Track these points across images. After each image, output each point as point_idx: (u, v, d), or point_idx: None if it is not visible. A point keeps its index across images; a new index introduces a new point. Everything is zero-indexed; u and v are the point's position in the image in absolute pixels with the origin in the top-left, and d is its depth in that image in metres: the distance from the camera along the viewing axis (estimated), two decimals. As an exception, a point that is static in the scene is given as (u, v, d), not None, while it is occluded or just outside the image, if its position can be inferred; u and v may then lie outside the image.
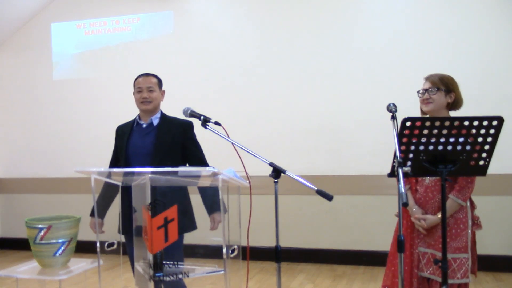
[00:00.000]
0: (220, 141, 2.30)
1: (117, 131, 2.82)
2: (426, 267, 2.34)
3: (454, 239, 2.30)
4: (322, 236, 4.70)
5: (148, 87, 2.66)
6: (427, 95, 2.36)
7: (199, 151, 2.73)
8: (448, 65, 4.35)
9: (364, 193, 4.58)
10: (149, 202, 1.91)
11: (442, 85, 2.35)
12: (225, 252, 1.84)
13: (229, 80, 5.03)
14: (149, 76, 2.71)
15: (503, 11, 4.30)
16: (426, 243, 2.37)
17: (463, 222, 2.31)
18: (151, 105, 2.66)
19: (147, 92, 2.65)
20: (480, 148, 1.99)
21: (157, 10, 5.31)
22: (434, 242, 2.34)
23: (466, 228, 2.31)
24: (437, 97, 2.34)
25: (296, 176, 2.00)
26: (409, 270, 2.35)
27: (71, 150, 5.52)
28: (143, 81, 2.68)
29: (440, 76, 2.39)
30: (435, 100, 2.34)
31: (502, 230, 4.23)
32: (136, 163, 2.59)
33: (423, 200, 2.37)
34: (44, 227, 2.66)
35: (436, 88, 2.34)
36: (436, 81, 2.36)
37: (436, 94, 2.34)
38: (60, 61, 5.66)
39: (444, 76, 2.39)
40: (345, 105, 4.66)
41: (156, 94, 2.68)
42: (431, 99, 2.34)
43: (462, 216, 2.32)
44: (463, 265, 2.28)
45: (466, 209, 2.33)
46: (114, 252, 2.14)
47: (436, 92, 2.34)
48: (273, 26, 4.91)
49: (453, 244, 2.29)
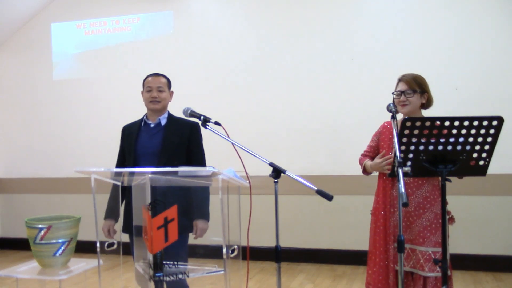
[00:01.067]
0: (220, 141, 2.30)
1: (124, 131, 2.81)
2: (407, 261, 2.39)
3: (434, 234, 2.35)
4: (322, 236, 4.70)
5: (158, 87, 2.67)
6: (404, 97, 2.42)
7: (201, 155, 2.72)
8: (448, 65, 4.36)
9: (364, 193, 4.57)
10: (149, 202, 1.91)
11: (417, 87, 2.42)
12: (225, 252, 1.84)
13: (229, 80, 5.03)
14: (159, 76, 2.73)
15: (503, 11, 4.30)
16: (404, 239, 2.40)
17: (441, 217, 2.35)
18: (160, 105, 2.67)
19: (156, 92, 2.66)
20: (480, 148, 1.99)
21: (157, 10, 5.31)
22: (412, 237, 2.39)
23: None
24: (413, 99, 2.42)
25: (296, 176, 2.00)
26: (384, 265, 2.41)
27: (71, 150, 5.52)
28: (153, 81, 2.69)
29: (413, 76, 2.46)
30: (412, 102, 2.42)
31: (502, 230, 4.23)
32: (144, 163, 2.59)
33: None
34: (44, 227, 2.66)
35: (412, 90, 2.40)
36: (412, 83, 2.43)
37: (414, 97, 2.41)
38: (60, 61, 5.66)
39: (417, 77, 2.47)
40: (345, 105, 4.66)
41: (165, 94, 2.69)
42: (408, 101, 2.42)
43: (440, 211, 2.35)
44: None
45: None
46: (114, 252, 2.14)
47: (413, 94, 2.41)
48: (273, 26, 4.91)
49: (433, 238, 2.35)
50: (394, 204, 2.43)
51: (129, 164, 2.64)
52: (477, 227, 4.27)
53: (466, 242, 4.28)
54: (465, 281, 3.98)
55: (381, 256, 2.42)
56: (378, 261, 2.44)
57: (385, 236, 2.43)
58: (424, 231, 2.36)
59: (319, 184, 1.98)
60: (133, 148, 2.65)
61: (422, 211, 2.38)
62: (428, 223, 2.36)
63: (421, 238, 2.36)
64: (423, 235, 2.35)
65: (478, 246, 4.27)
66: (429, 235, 2.34)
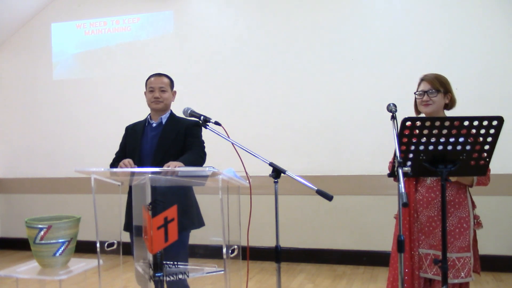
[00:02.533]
0: (220, 141, 2.30)
1: (127, 130, 2.82)
2: (430, 268, 2.33)
3: (457, 238, 2.29)
4: (322, 236, 4.70)
5: (160, 87, 2.69)
6: (427, 97, 2.35)
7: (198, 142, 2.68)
8: (448, 65, 4.36)
9: (364, 193, 4.58)
10: (149, 202, 1.91)
11: (440, 87, 2.36)
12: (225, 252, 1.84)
13: (229, 80, 5.03)
14: (162, 76, 2.74)
15: (503, 11, 4.30)
16: (428, 244, 2.36)
17: (466, 221, 2.31)
18: (162, 105, 2.69)
19: (159, 92, 2.68)
20: (480, 148, 1.99)
21: (157, 10, 5.31)
22: (436, 243, 2.33)
23: (468, 227, 2.31)
24: (437, 99, 2.35)
25: (296, 176, 2.00)
26: (409, 272, 2.34)
27: (71, 150, 5.51)
28: (155, 81, 2.70)
29: (436, 76, 2.39)
30: (435, 102, 2.35)
31: (502, 230, 4.23)
32: (146, 163, 2.61)
33: (425, 200, 2.35)
34: (44, 227, 2.66)
35: (436, 90, 2.34)
36: (435, 82, 2.36)
37: (437, 96, 2.34)
38: (60, 61, 5.66)
39: (440, 77, 2.40)
40: (345, 105, 4.66)
41: (167, 95, 2.71)
42: (431, 101, 2.35)
43: (465, 215, 2.31)
44: (467, 264, 2.28)
45: (468, 208, 2.33)
46: (114, 252, 2.14)
47: (436, 94, 2.34)
48: (273, 26, 4.91)
49: (456, 244, 2.28)
50: (417, 209, 2.37)
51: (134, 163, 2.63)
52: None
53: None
54: (465, 281, 3.98)
55: (406, 263, 2.34)
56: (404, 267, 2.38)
57: (409, 241, 2.36)
58: (448, 236, 2.27)
59: (319, 184, 1.98)
60: (138, 148, 2.66)
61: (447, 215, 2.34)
62: (452, 228, 2.29)
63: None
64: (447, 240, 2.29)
65: (478, 246, 4.26)
66: (453, 240, 2.27)
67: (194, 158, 2.54)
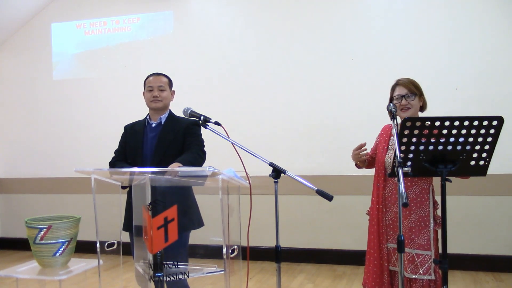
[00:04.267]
0: (220, 141, 2.30)
1: (126, 130, 2.82)
2: (397, 261, 2.38)
3: (417, 235, 2.36)
4: (322, 236, 4.70)
5: (159, 86, 2.69)
6: (405, 101, 2.40)
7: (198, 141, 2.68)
8: (448, 65, 4.36)
9: (364, 193, 4.57)
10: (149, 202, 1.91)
11: (416, 90, 2.43)
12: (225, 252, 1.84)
13: (229, 80, 5.03)
14: (160, 75, 2.75)
15: (503, 11, 4.30)
16: (395, 239, 2.40)
17: (424, 220, 2.37)
18: (161, 104, 2.69)
19: (157, 91, 2.68)
20: (480, 148, 1.99)
21: (157, 10, 5.31)
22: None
23: (427, 226, 2.37)
24: (414, 103, 2.42)
25: (296, 176, 2.00)
26: (378, 264, 2.44)
27: (71, 150, 5.52)
28: (154, 80, 2.71)
29: (411, 80, 2.47)
30: (413, 106, 2.42)
31: (502, 230, 4.23)
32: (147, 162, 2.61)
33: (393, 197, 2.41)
34: (44, 227, 2.66)
35: (413, 93, 2.40)
36: (411, 86, 2.43)
37: (414, 100, 2.41)
38: (60, 61, 5.66)
39: (413, 80, 2.48)
40: (345, 105, 4.66)
41: (166, 94, 2.71)
42: (410, 105, 2.41)
43: (424, 214, 2.37)
44: (426, 261, 2.33)
45: (428, 208, 2.38)
46: (114, 252, 2.14)
47: (413, 97, 2.41)
48: (273, 26, 4.91)
49: (416, 241, 2.36)
50: (386, 204, 2.44)
51: (136, 164, 2.63)
52: (477, 227, 4.27)
53: (466, 242, 4.28)
54: (465, 281, 3.98)
55: (375, 255, 2.44)
56: (372, 260, 2.45)
57: (378, 235, 2.44)
58: (409, 232, 2.36)
59: (319, 184, 1.98)
60: (140, 149, 2.66)
61: (409, 213, 2.38)
62: (413, 225, 2.36)
63: (406, 240, 2.35)
64: (408, 236, 2.35)
65: (478, 246, 4.27)
66: (413, 237, 2.34)
67: (193, 158, 2.54)
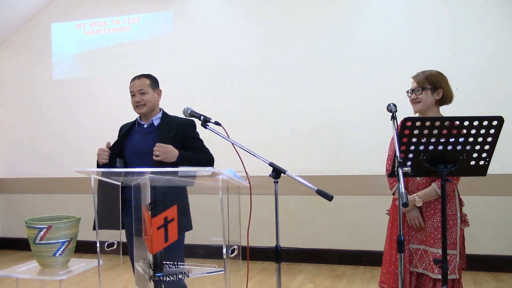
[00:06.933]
0: (220, 141, 2.30)
1: (120, 130, 2.83)
2: (420, 263, 2.38)
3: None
4: (322, 236, 4.70)
5: (139, 90, 2.64)
6: (414, 95, 2.41)
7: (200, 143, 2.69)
8: (448, 65, 4.35)
9: (364, 193, 4.58)
10: (149, 202, 1.91)
11: (427, 84, 2.39)
12: (225, 252, 1.84)
13: (229, 80, 5.03)
14: (141, 78, 2.69)
15: (503, 11, 4.30)
16: (417, 240, 2.41)
17: (452, 219, 2.35)
18: (146, 108, 2.65)
19: (139, 96, 2.64)
20: (480, 148, 1.99)
21: (157, 10, 5.31)
22: (425, 238, 2.38)
23: (454, 225, 2.35)
24: (423, 97, 2.40)
25: (296, 176, 2.00)
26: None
27: (71, 150, 5.51)
28: (134, 85, 2.67)
29: (426, 74, 2.43)
30: (422, 100, 2.40)
31: (502, 230, 4.23)
32: (135, 163, 2.58)
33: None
34: (44, 227, 2.66)
35: (421, 87, 2.39)
36: (421, 80, 2.41)
37: (422, 94, 2.39)
38: (60, 61, 5.66)
39: (430, 74, 2.43)
40: (345, 105, 4.66)
41: (148, 96, 2.65)
42: (418, 99, 2.40)
43: (452, 213, 2.35)
44: (452, 261, 2.31)
45: (454, 206, 2.36)
46: (114, 252, 2.14)
47: (422, 91, 2.39)
48: (273, 26, 4.91)
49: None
50: None
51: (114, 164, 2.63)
52: (477, 227, 4.27)
53: (466, 242, 4.26)
54: (465, 281, 3.97)
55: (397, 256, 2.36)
56: (394, 261, 2.42)
57: None
58: (435, 232, 2.33)
59: (319, 184, 1.98)
60: (123, 149, 2.65)
61: (433, 212, 2.35)
62: (439, 224, 2.32)
63: (432, 240, 2.34)
64: (434, 236, 2.33)
65: (478, 246, 4.27)
66: (440, 236, 2.28)
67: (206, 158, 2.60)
